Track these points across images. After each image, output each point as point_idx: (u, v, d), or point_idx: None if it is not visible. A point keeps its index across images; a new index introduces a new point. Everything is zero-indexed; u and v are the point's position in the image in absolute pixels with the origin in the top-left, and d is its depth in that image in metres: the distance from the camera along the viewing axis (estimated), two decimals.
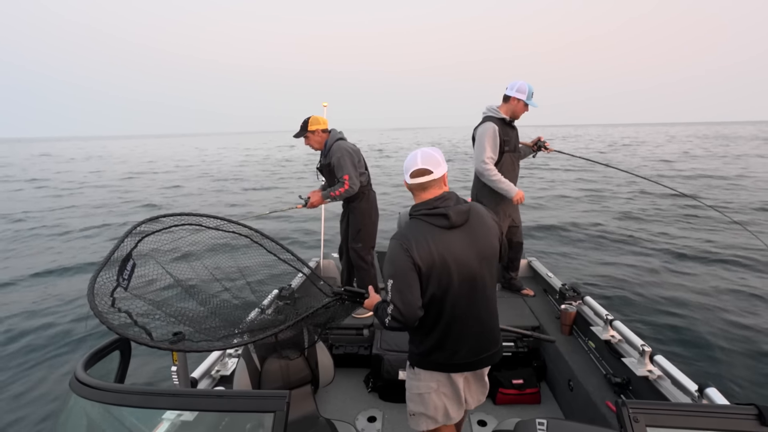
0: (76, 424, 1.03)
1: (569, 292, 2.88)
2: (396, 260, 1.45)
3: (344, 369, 2.85)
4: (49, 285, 6.32)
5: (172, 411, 1.42)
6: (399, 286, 1.44)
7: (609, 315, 2.44)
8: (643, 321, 4.61)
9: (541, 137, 3.27)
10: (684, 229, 8.36)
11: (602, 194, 12.92)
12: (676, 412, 0.82)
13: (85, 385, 0.98)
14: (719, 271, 6.07)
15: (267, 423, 0.88)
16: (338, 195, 2.89)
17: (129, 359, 1.37)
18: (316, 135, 2.99)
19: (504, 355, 2.75)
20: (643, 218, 9.45)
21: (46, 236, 9.39)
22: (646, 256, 6.75)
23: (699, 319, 4.60)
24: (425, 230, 1.47)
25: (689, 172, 17.49)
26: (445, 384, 1.62)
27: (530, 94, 2.93)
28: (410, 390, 1.67)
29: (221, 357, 2.24)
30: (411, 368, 1.66)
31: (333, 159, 2.91)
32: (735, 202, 10.87)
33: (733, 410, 0.82)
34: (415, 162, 1.50)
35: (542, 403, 2.59)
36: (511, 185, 2.98)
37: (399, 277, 1.44)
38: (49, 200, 14.70)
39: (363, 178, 3.01)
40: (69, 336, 4.68)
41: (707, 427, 0.78)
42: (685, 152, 28.33)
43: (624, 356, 2.19)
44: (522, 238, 3.35)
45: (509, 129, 3.04)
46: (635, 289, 5.43)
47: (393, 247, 1.48)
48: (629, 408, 0.82)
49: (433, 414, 1.63)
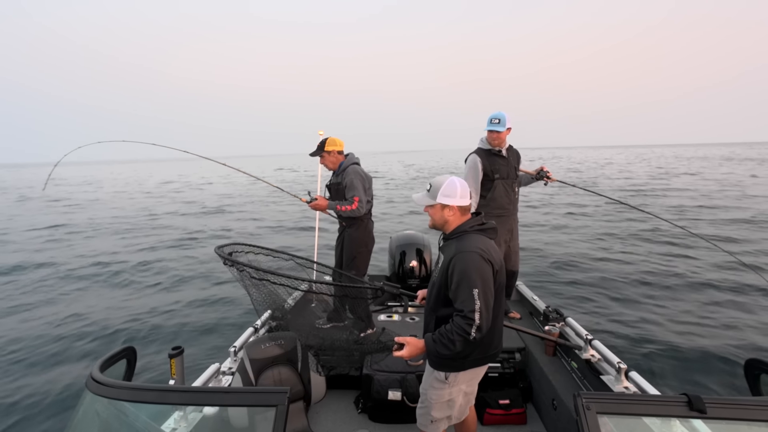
0: (90, 420, 1.12)
1: (552, 314, 3.01)
2: (482, 270, 1.62)
3: (335, 390, 2.89)
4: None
5: (179, 411, 1.50)
6: (485, 294, 1.61)
7: (589, 335, 2.56)
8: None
9: (543, 167, 3.37)
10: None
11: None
12: (621, 401, 0.95)
13: (101, 384, 1.08)
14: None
15: (269, 417, 0.99)
16: (343, 211, 3.03)
17: (134, 367, 1.46)
18: (332, 156, 3.16)
19: (490, 376, 2.83)
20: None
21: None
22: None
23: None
24: (486, 242, 1.71)
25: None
26: (474, 381, 1.82)
27: (489, 121, 3.11)
28: (439, 399, 1.80)
29: (216, 374, 2.30)
30: (444, 378, 1.78)
31: (346, 179, 3.06)
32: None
33: (669, 399, 0.95)
34: (458, 189, 1.75)
35: (528, 423, 2.65)
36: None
37: (486, 285, 1.62)
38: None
39: (368, 206, 3.16)
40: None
41: (648, 413, 0.92)
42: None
43: (603, 374, 2.30)
44: (518, 266, 3.39)
45: (498, 158, 3.18)
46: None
47: (473, 258, 1.64)
48: (583, 398, 0.94)
49: (456, 414, 1.82)
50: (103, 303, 6.40)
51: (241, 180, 33.74)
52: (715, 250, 6.19)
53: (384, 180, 31.13)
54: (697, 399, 0.92)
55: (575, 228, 11.42)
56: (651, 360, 4.32)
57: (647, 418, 1.01)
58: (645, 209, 4.05)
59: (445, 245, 1.81)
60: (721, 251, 3.68)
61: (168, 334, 5.25)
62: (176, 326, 5.44)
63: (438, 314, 1.79)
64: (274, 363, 2.10)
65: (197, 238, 11.42)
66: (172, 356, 1.77)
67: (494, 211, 3.14)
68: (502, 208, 3.18)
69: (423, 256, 3.96)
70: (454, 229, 1.77)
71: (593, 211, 14.17)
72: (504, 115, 3.12)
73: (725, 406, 0.93)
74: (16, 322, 5.68)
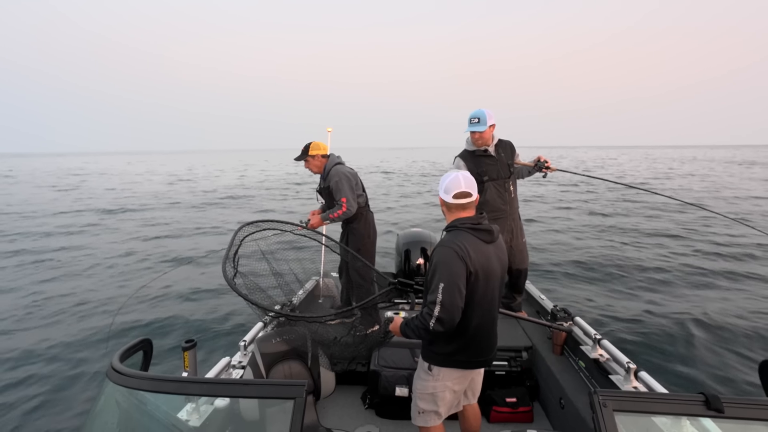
0: (110, 409, 1.14)
1: (560, 313, 3.00)
2: (452, 265, 1.62)
3: (342, 386, 2.91)
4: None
5: (191, 403, 1.52)
6: (451, 289, 1.60)
7: (597, 334, 2.55)
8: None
9: (541, 157, 3.18)
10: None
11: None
12: (638, 399, 0.95)
13: (121, 374, 1.10)
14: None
15: (285, 409, 1.00)
16: (336, 217, 3.05)
17: (150, 359, 1.48)
18: (316, 159, 3.17)
19: (497, 374, 2.84)
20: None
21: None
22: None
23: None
24: (472, 241, 1.68)
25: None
26: (461, 381, 1.81)
27: (468, 121, 3.00)
28: (423, 390, 1.83)
29: (226, 368, 2.32)
30: (428, 369, 1.81)
31: (332, 183, 3.08)
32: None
33: (686, 397, 0.95)
34: (459, 184, 1.72)
35: (535, 421, 2.66)
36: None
37: (452, 281, 1.61)
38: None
39: (361, 199, 3.18)
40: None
41: (664, 411, 0.92)
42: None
43: (611, 374, 2.30)
44: (525, 264, 3.33)
45: (485, 159, 3.07)
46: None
47: (447, 253, 1.64)
48: (599, 396, 0.95)
49: (443, 410, 1.83)
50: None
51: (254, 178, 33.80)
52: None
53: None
54: (715, 398, 0.92)
55: (588, 227, 11.44)
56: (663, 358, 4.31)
57: (657, 417, 1.01)
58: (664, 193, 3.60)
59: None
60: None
61: (168, 327, 5.31)
62: (175, 322, 5.51)
63: None
64: (285, 357, 2.12)
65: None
66: (185, 349, 1.79)
67: (489, 214, 3.06)
68: (497, 210, 3.08)
69: (429, 253, 3.96)
70: (448, 224, 1.78)
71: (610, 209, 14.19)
72: (483, 112, 2.97)
73: (743, 405, 0.93)
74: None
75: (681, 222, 11.57)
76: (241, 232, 2.16)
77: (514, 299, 3.41)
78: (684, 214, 12.69)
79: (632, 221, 11.90)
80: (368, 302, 2.16)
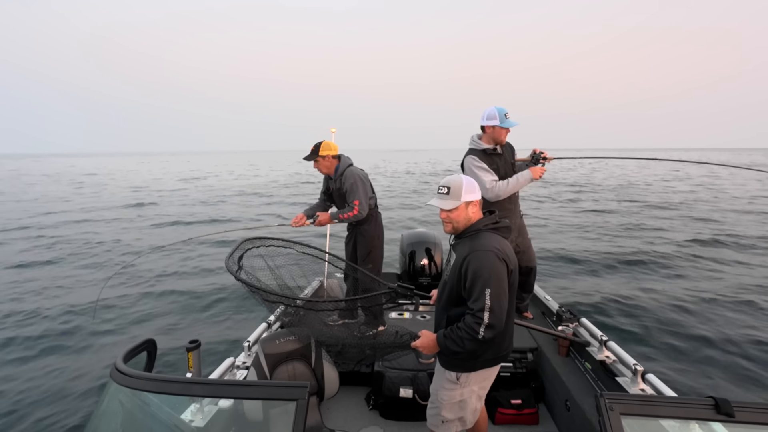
0: (114, 410, 1.14)
1: (566, 314, 2.98)
2: (496, 270, 1.61)
3: (346, 387, 2.90)
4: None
5: (195, 404, 1.52)
6: (498, 294, 1.60)
7: (603, 336, 2.53)
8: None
9: (536, 149, 3.17)
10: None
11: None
12: (646, 402, 0.93)
13: (125, 375, 1.10)
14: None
15: (288, 410, 1.00)
16: (346, 218, 3.06)
17: (154, 360, 1.48)
18: (326, 160, 3.15)
19: (502, 375, 2.81)
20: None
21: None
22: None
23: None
24: (501, 241, 1.70)
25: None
26: (488, 380, 1.80)
27: (502, 116, 2.90)
28: (450, 400, 1.78)
29: (230, 368, 2.33)
30: (455, 379, 1.76)
31: (346, 184, 3.07)
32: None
33: (695, 401, 0.93)
34: (475, 183, 1.77)
35: (540, 423, 2.63)
36: (521, 176, 2.96)
37: (499, 285, 1.61)
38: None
39: (372, 201, 3.18)
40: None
41: (672, 415, 0.90)
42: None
43: (618, 375, 2.27)
44: (534, 262, 3.30)
45: (495, 158, 3.01)
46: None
47: (488, 257, 1.62)
48: (606, 399, 0.93)
49: (470, 418, 1.80)
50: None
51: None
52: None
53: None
54: (725, 402, 0.91)
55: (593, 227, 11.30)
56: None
57: (664, 421, 0.99)
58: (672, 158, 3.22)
59: (458, 243, 1.79)
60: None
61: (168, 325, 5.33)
62: (176, 319, 5.53)
63: (449, 313, 1.78)
64: (289, 358, 2.12)
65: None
66: (189, 349, 1.79)
67: (499, 213, 3.03)
68: (505, 209, 3.04)
69: (433, 254, 3.95)
70: (467, 228, 1.75)
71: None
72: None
73: (753, 410, 0.91)
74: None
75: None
76: (245, 244, 2.21)
77: (523, 299, 3.39)
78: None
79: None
80: (368, 298, 2.13)
